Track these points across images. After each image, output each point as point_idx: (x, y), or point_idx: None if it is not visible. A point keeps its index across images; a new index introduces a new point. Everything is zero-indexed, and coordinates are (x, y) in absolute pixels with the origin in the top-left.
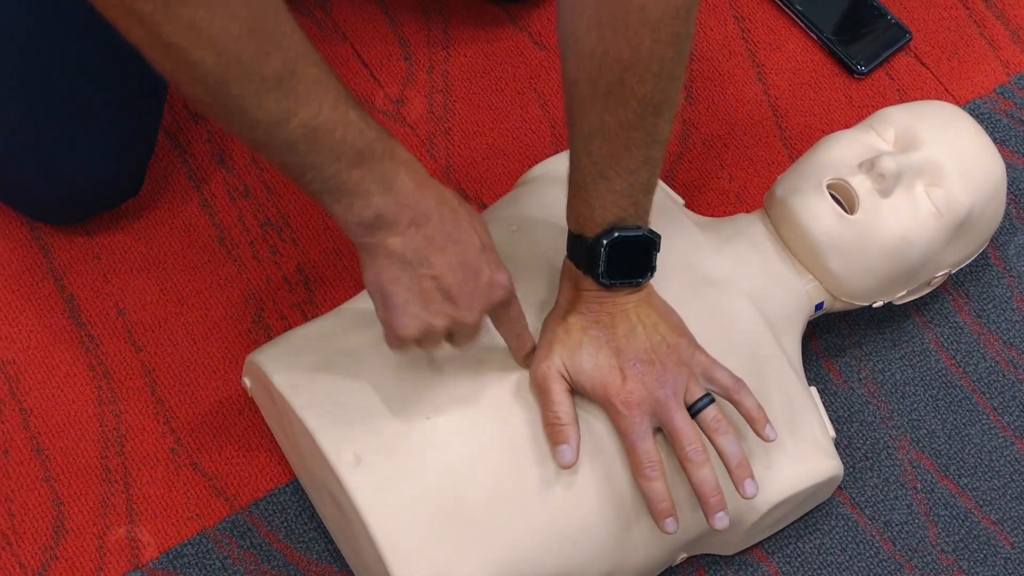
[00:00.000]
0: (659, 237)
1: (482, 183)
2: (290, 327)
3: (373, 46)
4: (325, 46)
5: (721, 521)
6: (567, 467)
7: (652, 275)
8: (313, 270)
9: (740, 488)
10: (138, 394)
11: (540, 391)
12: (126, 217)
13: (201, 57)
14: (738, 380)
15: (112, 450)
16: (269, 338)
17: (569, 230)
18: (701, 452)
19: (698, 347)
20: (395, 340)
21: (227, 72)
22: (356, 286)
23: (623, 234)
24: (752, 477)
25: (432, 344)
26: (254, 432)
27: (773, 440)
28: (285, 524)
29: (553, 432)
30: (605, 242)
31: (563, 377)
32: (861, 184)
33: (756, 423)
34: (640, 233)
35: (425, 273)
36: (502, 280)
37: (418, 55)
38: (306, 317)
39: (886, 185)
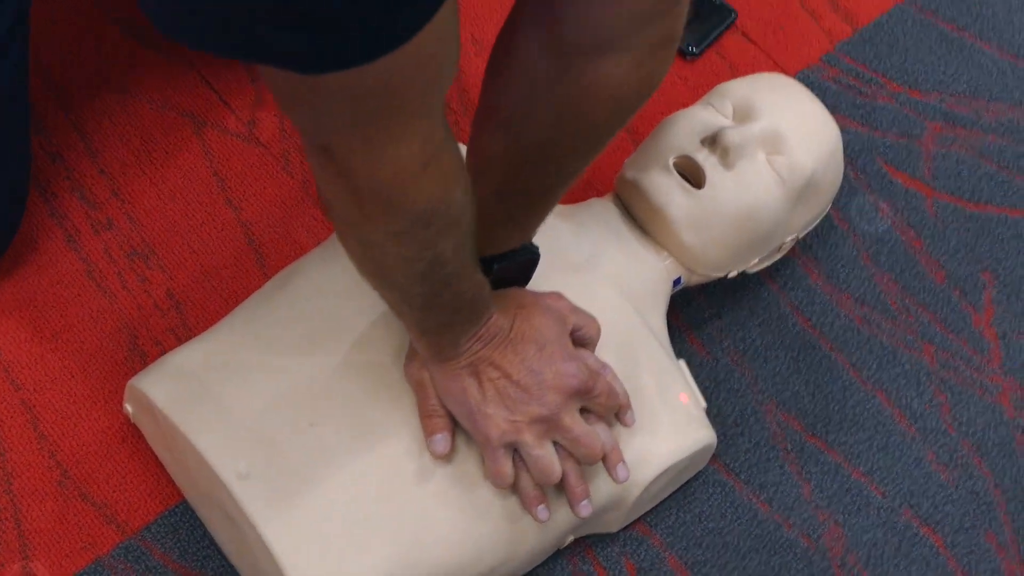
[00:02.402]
0: (539, 251)
1: None
2: (165, 351)
3: (220, 72)
4: (173, 75)
5: (585, 509)
6: (440, 456)
7: (526, 284)
8: (183, 294)
9: (613, 474)
10: (21, 431)
11: (418, 386)
12: None
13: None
14: (603, 366)
15: (0, 488)
16: (145, 365)
17: None
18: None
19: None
20: (487, 449)
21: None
22: (227, 305)
23: (514, 256)
24: (623, 462)
25: (534, 449)
26: (139, 458)
27: (631, 426)
28: (178, 545)
29: (429, 423)
30: (496, 266)
31: None
32: (706, 159)
33: (620, 408)
34: (528, 255)
35: (496, 375)
36: (572, 370)
37: None
38: (180, 340)
39: (730, 158)
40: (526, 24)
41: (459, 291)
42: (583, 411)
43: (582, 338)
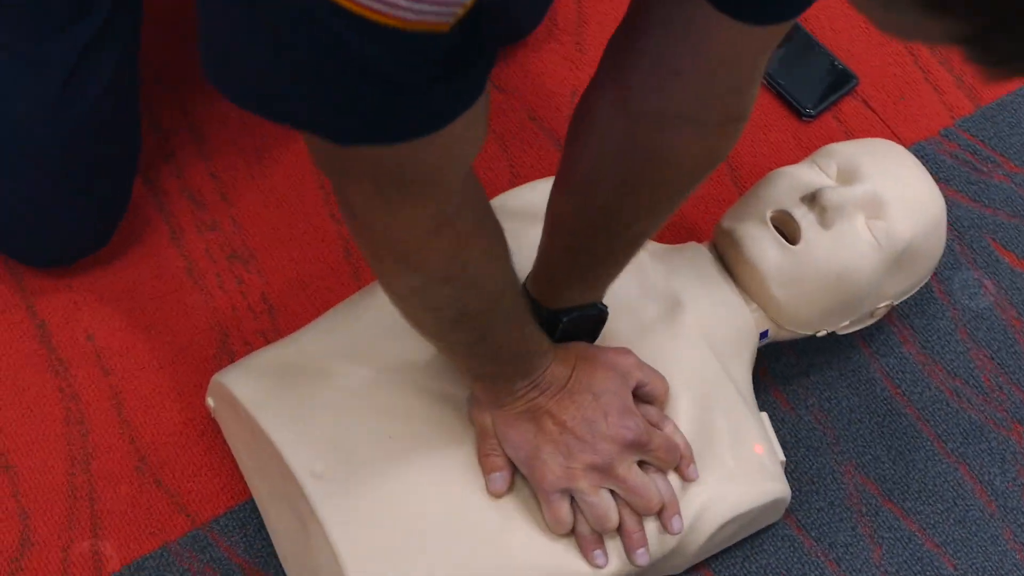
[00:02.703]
0: (607, 311)
1: None
2: None
3: None
4: None
5: (641, 558)
6: (497, 494)
7: (593, 341)
8: (277, 299)
9: (667, 525)
10: (105, 415)
11: (480, 429)
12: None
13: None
14: (664, 420)
15: (78, 467)
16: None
17: (527, 289)
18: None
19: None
20: (543, 494)
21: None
22: (318, 314)
23: (582, 313)
24: (679, 515)
25: (589, 496)
26: (215, 452)
27: (695, 479)
28: (244, 540)
29: (487, 462)
30: (564, 319)
31: None
32: (803, 216)
33: (682, 461)
34: (595, 312)
35: (551, 423)
36: (628, 423)
37: None
38: (269, 343)
39: (828, 217)
40: (603, 88)
41: (500, 344)
42: (645, 464)
43: (647, 394)
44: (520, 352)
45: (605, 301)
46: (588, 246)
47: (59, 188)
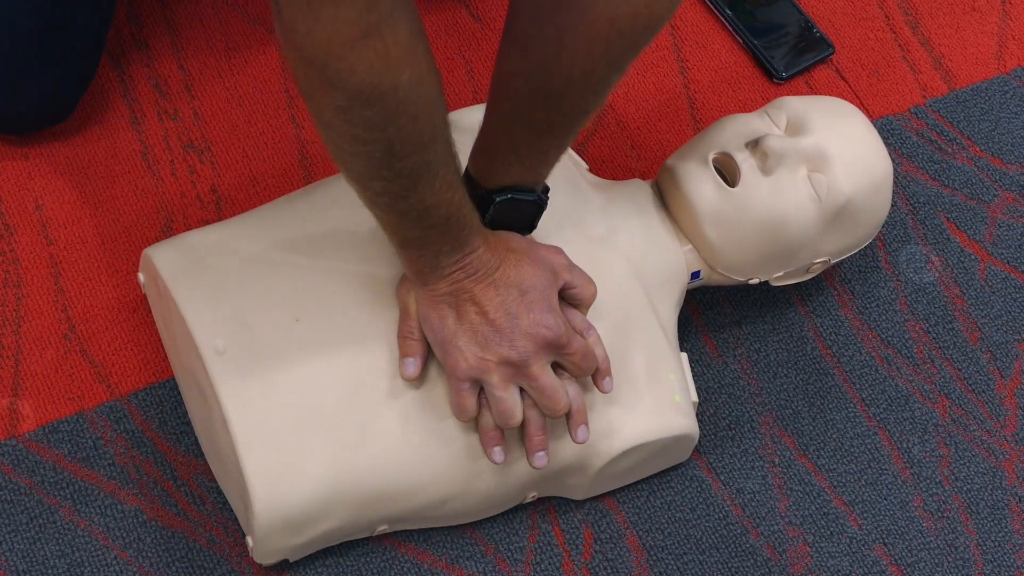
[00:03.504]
0: (546, 201)
1: None
2: None
3: None
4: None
5: (539, 460)
6: (408, 379)
7: (529, 232)
8: (226, 192)
9: (573, 433)
10: (42, 282)
11: (403, 308)
12: None
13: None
14: (588, 328)
15: (9, 328)
16: None
17: (467, 168)
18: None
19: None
20: (453, 381)
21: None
22: None
23: (516, 196)
24: (586, 424)
25: (497, 389)
26: (143, 330)
27: (608, 392)
28: (160, 415)
29: (404, 344)
30: (497, 199)
31: None
32: (745, 160)
33: (598, 372)
34: (532, 197)
35: (473, 311)
36: (548, 322)
37: None
38: None
39: (768, 164)
40: None
41: (427, 204)
42: (560, 368)
43: (573, 297)
44: (449, 218)
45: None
46: (525, 114)
47: (23, 52)
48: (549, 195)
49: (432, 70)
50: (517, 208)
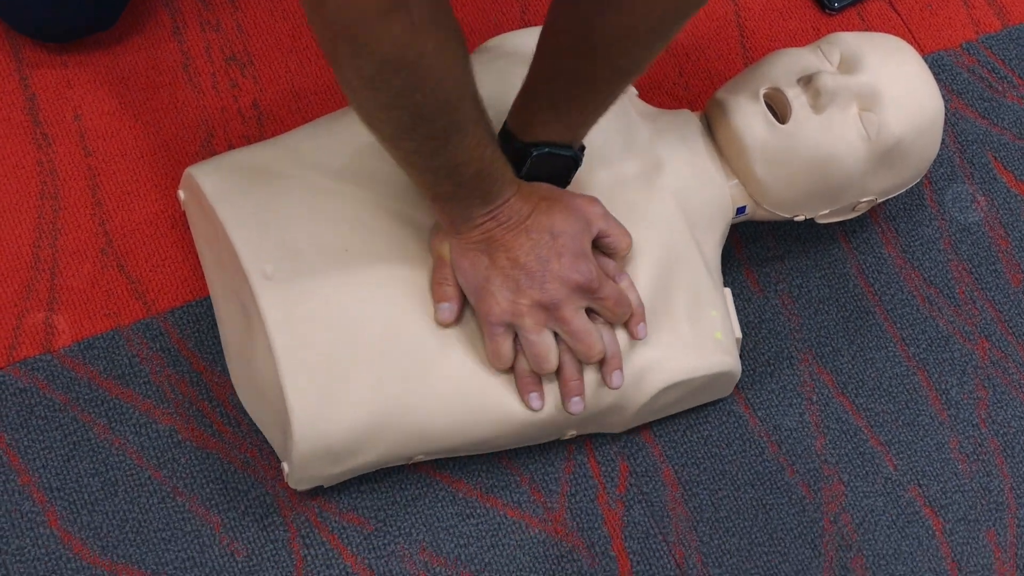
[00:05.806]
0: (582, 159)
1: None
2: None
3: None
4: None
5: (575, 406)
6: (444, 324)
7: (564, 187)
8: (268, 107)
9: (607, 379)
10: (80, 194)
11: (437, 256)
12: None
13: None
14: (621, 275)
15: (45, 241)
16: None
17: (506, 121)
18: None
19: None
20: (487, 326)
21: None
22: None
23: (553, 150)
24: (620, 369)
25: (531, 333)
26: (182, 247)
27: (641, 338)
28: (196, 334)
29: (438, 290)
30: (534, 153)
31: None
32: (796, 97)
33: (632, 318)
34: (569, 152)
35: (504, 257)
36: (580, 267)
37: None
38: None
39: (820, 101)
40: None
41: (458, 161)
42: (594, 314)
43: (608, 246)
44: (480, 172)
45: (587, 152)
46: (569, 68)
47: None
48: (585, 149)
49: (457, 36)
50: (553, 162)
